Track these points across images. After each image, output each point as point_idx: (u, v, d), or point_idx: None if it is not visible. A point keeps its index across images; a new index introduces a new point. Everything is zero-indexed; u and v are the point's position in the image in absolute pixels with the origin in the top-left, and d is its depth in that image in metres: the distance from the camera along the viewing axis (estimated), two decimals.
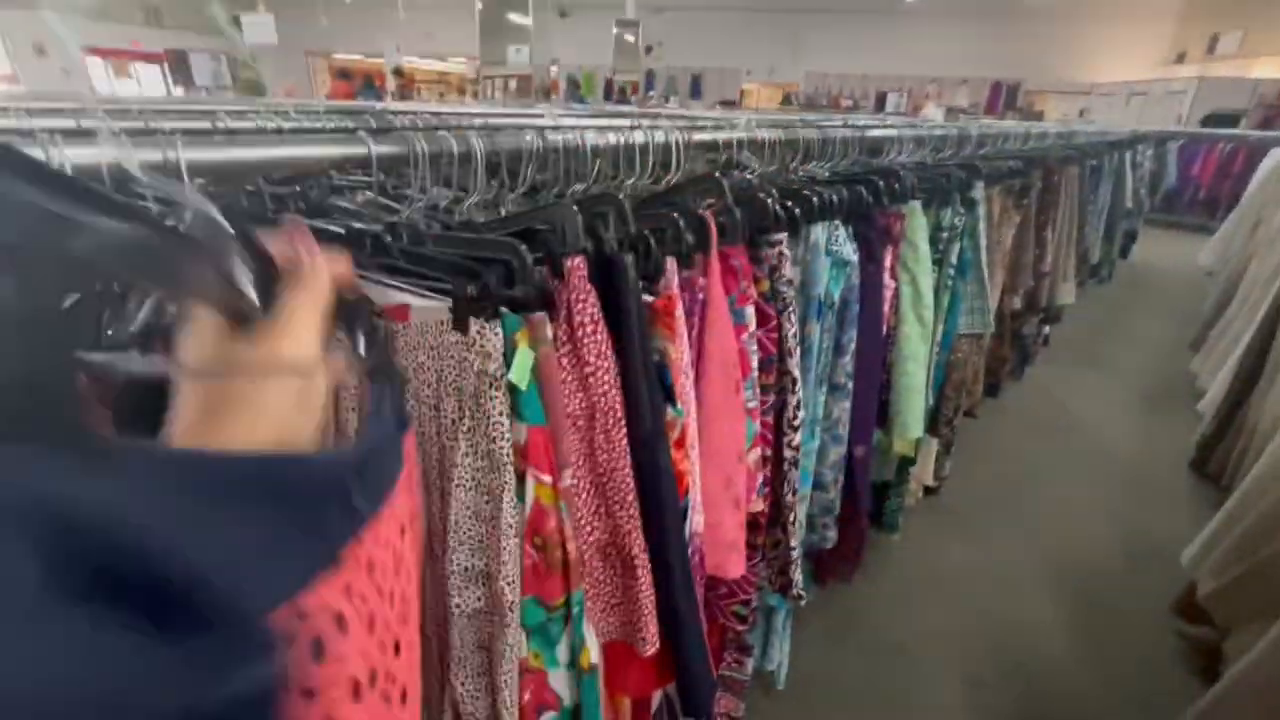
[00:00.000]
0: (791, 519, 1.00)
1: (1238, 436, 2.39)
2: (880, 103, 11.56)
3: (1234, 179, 6.53)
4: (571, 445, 0.65)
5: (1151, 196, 4.95)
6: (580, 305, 0.62)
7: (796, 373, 0.92)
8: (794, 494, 0.99)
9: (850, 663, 1.66)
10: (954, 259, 1.60)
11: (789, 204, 0.92)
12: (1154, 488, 2.49)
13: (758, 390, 0.88)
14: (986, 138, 2.20)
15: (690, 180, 0.88)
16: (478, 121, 1.76)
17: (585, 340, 0.63)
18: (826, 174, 1.38)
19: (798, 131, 1.23)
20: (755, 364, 0.86)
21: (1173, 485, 2.51)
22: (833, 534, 1.36)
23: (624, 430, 0.65)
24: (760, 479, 0.91)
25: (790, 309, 0.89)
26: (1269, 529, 1.49)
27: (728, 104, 10.82)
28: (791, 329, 0.90)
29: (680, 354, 0.72)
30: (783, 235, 0.87)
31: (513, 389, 0.58)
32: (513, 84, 12.40)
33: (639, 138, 0.86)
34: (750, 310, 0.84)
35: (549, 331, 0.60)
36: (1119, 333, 4.21)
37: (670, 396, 0.72)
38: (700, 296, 0.77)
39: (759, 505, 0.93)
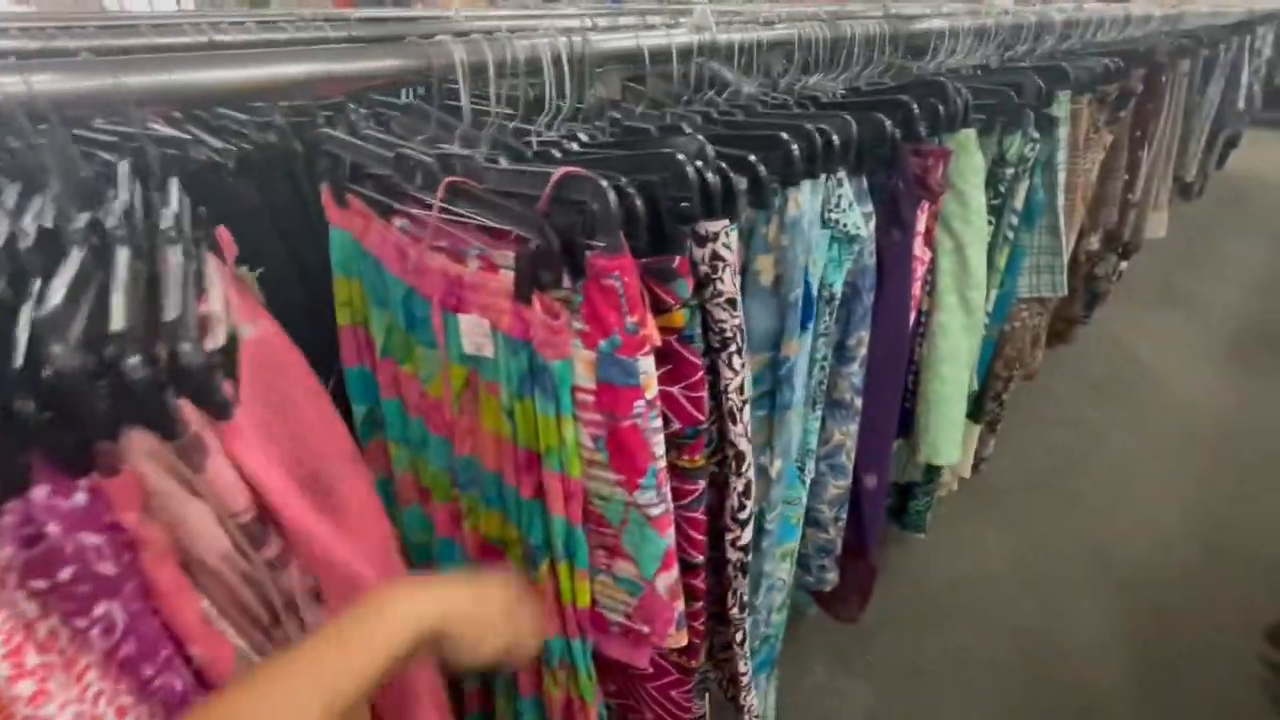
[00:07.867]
0: (740, 638, 0.69)
1: None
2: None
3: None
4: None
5: (1265, 91, 4.11)
6: None
7: (744, 444, 0.58)
8: (742, 608, 0.67)
9: (856, 694, 1.41)
10: (1018, 203, 1.18)
11: (748, 157, 0.54)
12: (1246, 466, 2.07)
13: (664, 487, 0.54)
14: (1073, 26, 1.67)
15: None
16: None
17: None
18: (842, 91, 0.97)
19: (793, 28, 0.81)
20: (657, 448, 0.52)
21: (1271, 464, 2.09)
22: (832, 575, 1.06)
23: None
24: (676, 610, 0.59)
25: (734, 347, 0.54)
26: None
27: None
28: (736, 377, 0.55)
29: None
30: (720, 225, 0.51)
31: None
32: None
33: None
34: (643, 364, 0.49)
35: None
36: (1208, 263, 3.61)
37: None
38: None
39: (679, 640, 0.61)
